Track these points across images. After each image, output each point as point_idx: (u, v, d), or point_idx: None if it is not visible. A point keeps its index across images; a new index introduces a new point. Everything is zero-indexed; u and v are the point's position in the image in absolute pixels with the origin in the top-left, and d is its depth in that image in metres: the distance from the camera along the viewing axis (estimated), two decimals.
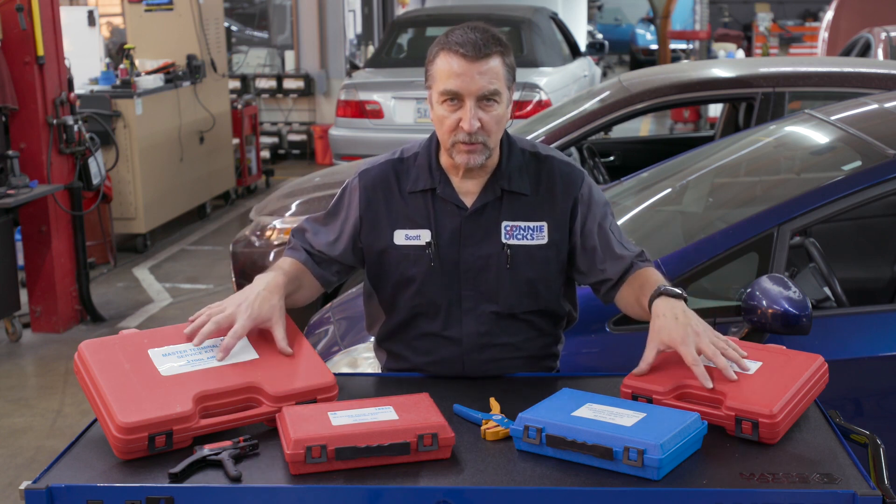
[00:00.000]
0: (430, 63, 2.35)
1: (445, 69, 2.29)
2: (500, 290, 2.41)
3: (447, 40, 2.32)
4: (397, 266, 2.43)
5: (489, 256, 2.40)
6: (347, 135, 8.59)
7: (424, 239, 2.41)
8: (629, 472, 1.90)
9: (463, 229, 2.40)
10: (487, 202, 2.40)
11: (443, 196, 2.41)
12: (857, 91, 4.61)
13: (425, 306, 2.44)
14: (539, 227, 2.41)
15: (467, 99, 2.28)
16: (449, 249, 2.40)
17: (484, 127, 2.30)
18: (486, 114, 2.30)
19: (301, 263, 2.46)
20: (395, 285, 2.45)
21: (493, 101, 2.30)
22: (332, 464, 1.93)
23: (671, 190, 3.90)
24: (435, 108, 2.35)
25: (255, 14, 14.25)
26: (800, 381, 2.14)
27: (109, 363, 2.15)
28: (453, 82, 2.28)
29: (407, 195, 2.43)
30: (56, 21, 6.26)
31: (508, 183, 2.40)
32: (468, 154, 2.32)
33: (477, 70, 2.27)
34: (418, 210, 2.42)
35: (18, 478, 4.32)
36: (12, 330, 6.11)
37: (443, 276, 2.41)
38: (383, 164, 2.48)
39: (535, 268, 2.41)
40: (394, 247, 2.42)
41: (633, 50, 21.69)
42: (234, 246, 5.25)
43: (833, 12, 11.60)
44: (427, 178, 2.42)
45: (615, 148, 6.30)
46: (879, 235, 4.05)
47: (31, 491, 1.89)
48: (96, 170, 6.57)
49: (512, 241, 2.40)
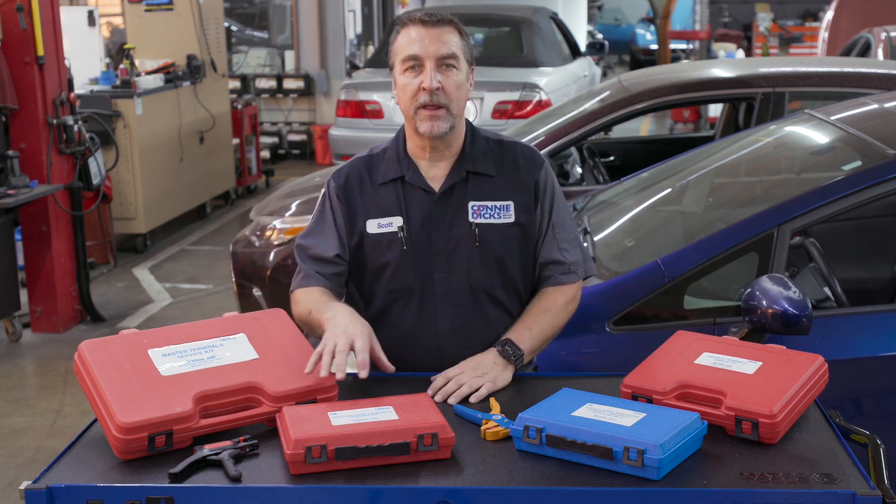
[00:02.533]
0: (392, 44, 2.49)
1: (406, 39, 2.44)
2: (471, 268, 2.48)
3: (406, 16, 2.47)
4: (371, 254, 2.51)
5: (459, 237, 2.48)
6: (347, 135, 8.59)
7: (396, 224, 2.49)
8: (629, 472, 1.90)
9: (433, 212, 2.48)
10: (454, 183, 2.49)
11: (411, 182, 2.50)
12: (857, 91, 4.61)
13: (400, 291, 2.50)
14: (506, 206, 2.49)
15: (427, 61, 2.41)
16: (420, 233, 2.48)
17: (444, 89, 2.40)
18: (447, 77, 2.42)
19: (322, 288, 2.51)
20: (370, 274, 2.53)
21: (452, 67, 2.43)
22: (332, 464, 1.93)
23: (671, 190, 3.90)
24: (399, 81, 2.47)
25: (255, 14, 14.24)
26: (800, 381, 2.14)
27: (109, 363, 2.15)
28: (413, 47, 2.41)
29: (378, 186, 2.52)
30: (56, 21, 6.26)
31: (473, 165, 2.50)
32: (431, 121, 2.42)
33: (436, 35, 2.42)
34: (389, 199, 2.51)
35: (18, 478, 4.32)
36: (12, 330, 6.11)
37: (415, 259, 2.48)
38: (353, 161, 2.60)
39: (502, 245, 2.49)
40: (367, 235, 2.51)
41: (633, 50, 21.68)
42: (234, 246, 5.25)
43: (833, 12, 11.59)
44: (396, 167, 2.52)
45: (615, 148, 6.30)
46: (879, 235, 4.05)
47: (31, 491, 1.90)
48: (96, 170, 6.56)
49: (479, 220, 2.48)
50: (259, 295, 5.04)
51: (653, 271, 2.98)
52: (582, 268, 2.57)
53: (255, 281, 5.07)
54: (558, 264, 2.53)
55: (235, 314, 2.38)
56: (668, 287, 2.96)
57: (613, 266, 3.26)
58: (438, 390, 2.30)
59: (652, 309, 2.99)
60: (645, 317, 2.99)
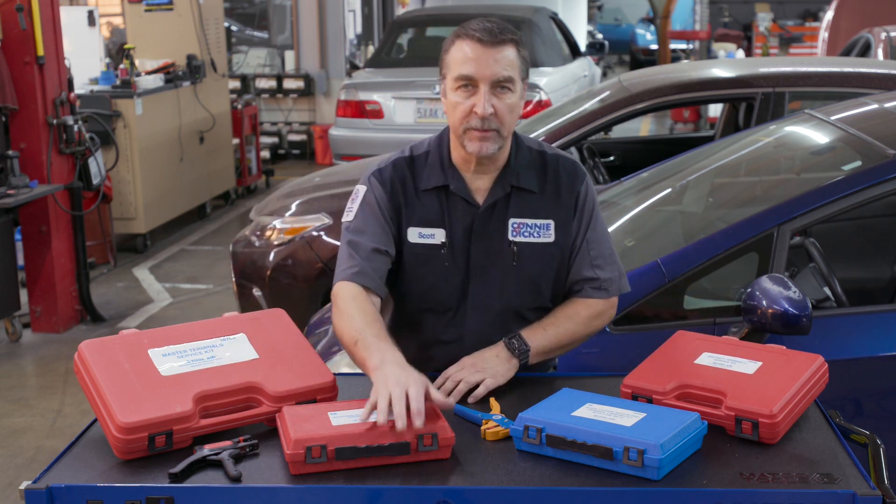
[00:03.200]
0: (445, 52, 2.37)
1: (460, 55, 2.31)
2: (505, 287, 2.42)
3: (463, 29, 2.34)
4: (409, 264, 2.43)
5: (497, 254, 2.41)
6: (347, 135, 8.59)
7: (439, 238, 2.41)
8: (629, 472, 1.90)
9: (475, 226, 2.41)
10: (497, 199, 2.41)
11: (456, 192, 2.41)
12: (857, 91, 4.61)
13: (433, 304, 2.44)
14: (546, 226, 2.42)
15: (481, 84, 2.29)
16: (461, 248, 2.41)
17: (497, 114, 2.30)
18: (500, 101, 2.31)
19: (364, 289, 2.34)
20: (405, 283, 2.45)
21: (507, 89, 2.31)
22: (332, 464, 1.93)
23: (671, 190, 3.90)
24: (448, 96, 2.35)
25: (255, 14, 14.24)
26: (800, 381, 2.14)
27: (109, 363, 2.15)
28: (468, 67, 2.29)
29: (421, 193, 2.43)
30: (56, 21, 6.26)
31: (517, 179, 2.41)
32: (480, 142, 2.32)
33: (492, 56, 2.29)
34: (432, 208, 2.42)
35: (18, 478, 4.32)
36: (12, 330, 6.11)
37: (455, 275, 2.42)
38: (396, 161, 2.46)
39: (539, 265, 2.43)
40: (407, 244, 2.42)
41: (633, 50, 21.68)
42: (234, 246, 5.25)
43: (833, 12, 11.59)
44: (440, 175, 2.42)
45: (615, 148, 6.30)
46: (879, 235, 4.05)
47: (31, 491, 1.89)
48: (96, 170, 6.56)
49: (518, 238, 2.41)
50: (259, 295, 5.04)
51: (653, 271, 2.98)
52: (615, 285, 2.48)
53: (255, 281, 5.08)
54: (589, 280, 2.46)
55: (235, 314, 2.38)
56: (668, 287, 2.96)
57: None
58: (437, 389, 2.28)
59: (652, 309, 2.99)
60: (645, 317, 2.99)
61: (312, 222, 5.07)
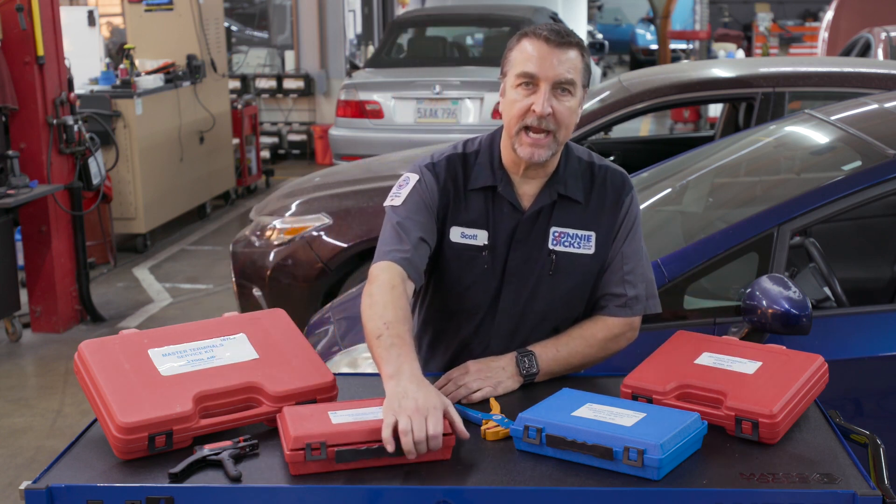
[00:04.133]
0: (508, 51, 2.34)
1: (524, 54, 2.28)
2: (538, 295, 2.39)
3: (531, 28, 2.32)
4: (449, 264, 2.40)
5: (535, 261, 2.38)
6: (347, 135, 8.59)
7: (481, 240, 2.38)
8: (629, 472, 1.90)
9: (517, 232, 2.38)
10: (543, 206, 2.38)
11: (503, 194, 2.37)
12: (857, 91, 4.61)
13: (468, 305, 2.41)
14: (587, 237, 2.39)
15: (543, 83, 2.26)
16: (501, 251, 2.38)
17: (555, 115, 2.27)
18: (559, 103, 2.27)
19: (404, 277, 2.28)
20: (442, 282, 2.42)
21: (568, 92, 2.28)
22: (332, 464, 1.93)
23: (671, 190, 3.90)
24: (507, 94, 2.32)
25: (255, 14, 14.24)
26: (800, 381, 2.14)
27: (109, 363, 2.15)
28: (532, 64, 2.27)
29: (468, 192, 2.40)
30: (56, 21, 6.26)
31: (565, 188, 2.38)
32: (532, 147, 2.28)
33: (556, 56, 2.27)
34: (478, 208, 2.39)
35: (18, 478, 4.32)
36: (12, 330, 6.11)
37: (492, 279, 2.39)
38: (450, 157, 2.42)
39: (576, 277, 2.39)
40: (448, 243, 2.39)
41: (633, 50, 21.69)
42: (234, 246, 5.25)
43: (833, 12, 11.59)
44: (488, 175, 2.39)
45: (615, 148, 6.30)
46: (879, 235, 4.05)
47: (31, 491, 1.89)
48: (96, 170, 6.56)
49: (559, 247, 2.38)
50: (259, 295, 5.04)
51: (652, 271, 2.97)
52: (642, 305, 2.43)
53: (255, 281, 5.08)
54: (615, 297, 2.41)
55: (235, 314, 2.38)
56: (668, 287, 2.96)
57: None
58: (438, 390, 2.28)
59: None
60: (645, 317, 2.98)
61: (312, 222, 5.07)
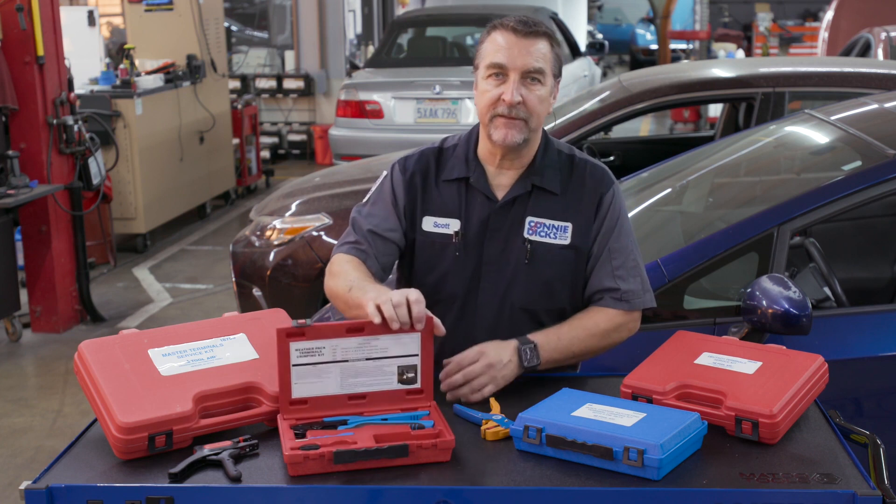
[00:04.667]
0: (480, 43, 2.41)
1: (493, 45, 2.35)
2: (516, 285, 2.41)
3: (499, 20, 2.38)
4: (422, 252, 2.45)
5: (511, 251, 2.41)
6: (347, 135, 8.59)
7: (453, 228, 2.43)
8: (629, 472, 1.90)
9: (490, 221, 2.41)
10: (517, 196, 2.41)
11: (475, 186, 2.42)
12: (857, 91, 4.61)
13: (443, 296, 2.44)
14: (563, 228, 2.41)
15: (512, 73, 2.32)
16: (474, 241, 2.42)
17: (525, 103, 2.32)
18: (529, 91, 2.33)
19: (364, 266, 2.41)
20: (417, 272, 2.47)
21: (537, 81, 2.34)
22: (331, 464, 1.93)
23: (671, 190, 3.90)
24: (479, 85, 2.38)
25: (255, 14, 14.24)
26: (800, 381, 2.14)
27: (109, 363, 2.15)
28: (500, 55, 2.33)
29: (442, 183, 2.46)
30: (56, 21, 6.26)
31: (540, 179, 2.42)
32: (506, 128, 2.33)
33: (524, 46, 2.33)
34: (451, 199, 2.44)
35: (18, 478, 4.32)
36: (12, 330, 6.11)
37: (465, 267, 2.42)
38: (424, 151, 2.51)
39: (553, 267, 2.41)
40: (422, 233, 2.44)
41: (633, 50, 21.67)
42: (234, 246, 5.25)
43: (833, 12, 11.59)
44: (463, 167, 2.45)
45: (615, 148, 6.29)
46: (879, 235, 4.05)
47: (31, 491, 1.90)
48: (96, 170, 6.56)
49: (534, 237, 2.41)
50: (259, 295, 5.04)
51: (653, 271, 2.98)
52: (639, 299, 2.43)
53: (255, 281, 5.07)
54: (610, 290, 2.42)
55: (235, 314, 2.38)
56: (668, 287, 2.96)
57: None
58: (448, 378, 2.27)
59: (652, 309, 2.98)
60: (645, 317, 2.98)
61: (312, 222, 5.07)
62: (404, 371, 2.13)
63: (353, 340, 2.10)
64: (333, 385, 2.11)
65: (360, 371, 2.12)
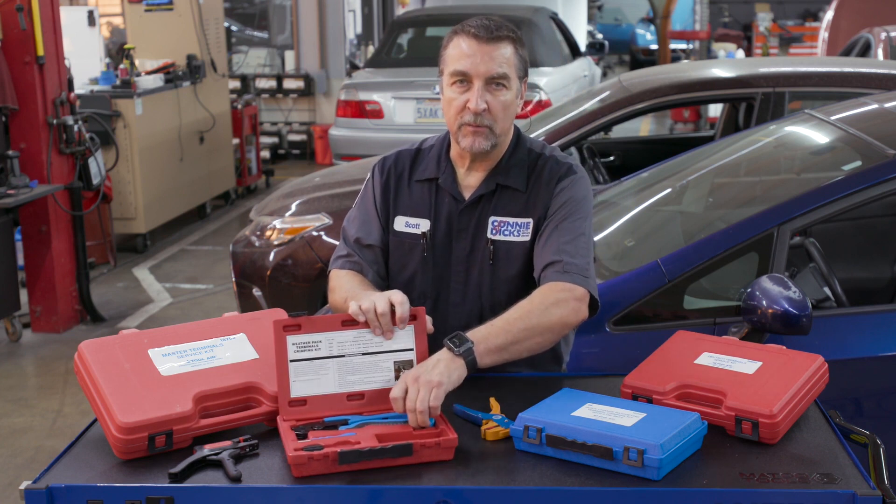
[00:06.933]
0: (443, 49, 2.40)
1: (456, 51, 2.34)
2: (483, 286, 2.43)
3: (461, 25, 2.37)
4: (393, 252, 2.48)
5: (476, 251, 2.43)
6: (347, 135, 8.59)
7: (422, 229, 2.45)
8: (629, 472, 1.90)
9: (457, 221, 2.43)
10: (482, 195, 2.43)
11: (443, 186, 2.44)
12: (857, 91, 4.61)
13: (415, 294, 2.45)
14: (525, 224, 2.41)
15: (475, 80, 2.32)
16: (443, 241, 2.44)
17: (490, 110, 2.32)
18: (494, 98, 2.33)
19: (361, 276, 2.47)
20: (391, 271, 2.50)
21: (502, 87, 2.34)
22: (335, 465, 1.93)
23: (671, 190, 3.90)
24: (445, 92, 2.39)
25: (255, 14, 14.24)
26: (800, 381, 2.14)
27: (109, 363, 2.15)
28: (463, 62, 2.32)
29: (414, 184, 2.48)
30: (56, 21, 6.26)
31: (505, 177, 2.42)
32: (473, 136, 2.34)
33: (487, 52, 2.31)
34: (422, 199, 2.47)
35: (18, 478, 4.32)
36: (12, 330, 6.11)
37: (434, 267, 2.44)
38: (401, 152, 2.53)
39: (516, 265, 2.41)
40: (394, 233, 2.48)
41: (633, 50, 21.67)
42: (234, 246, 5.25)
43: (833, 12, 11.59)
44: (434, 168, 2.47)
45: (615, 148, 6.30)
46: (879, 235, 4.05)
47: (31, 491, 1.90)
48: (96, 170, 6.56)
49: (498, 236, 2.41)
50: (259, 295, 5.04)
51: (653, 271, 2.98)
52: (582, 277, 2.29)
53: (255, 281, 5.07)
54: (552, 263, 2.30)
55: (235, 314, 2.38)
56: (668, 287, 2.96)
57: (613, 266, 3.26)
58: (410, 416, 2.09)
59: (652, 309, 2.99)
60: (645, 317, 2.99)
61: (312, 222, 5.07)
62: (401, 367, 2.14)
63: (349, 333, 2.13)
64: (331, 383, 2.11)
65: (357, 368, 2.13)
